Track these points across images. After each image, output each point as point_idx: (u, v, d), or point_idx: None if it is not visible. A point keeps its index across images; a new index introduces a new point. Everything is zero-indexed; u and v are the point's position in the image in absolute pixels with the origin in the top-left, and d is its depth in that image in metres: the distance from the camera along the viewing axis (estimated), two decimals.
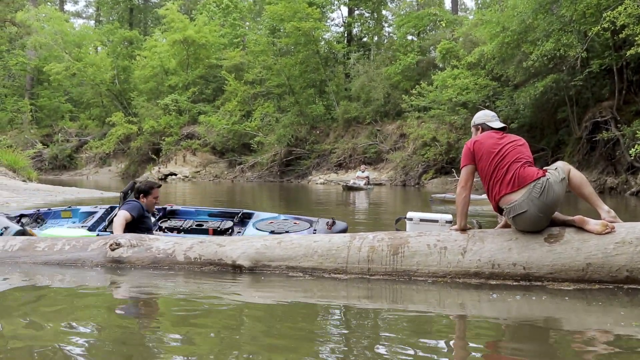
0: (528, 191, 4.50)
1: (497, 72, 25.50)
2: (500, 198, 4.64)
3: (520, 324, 3.71)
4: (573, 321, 3.79)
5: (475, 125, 5.16)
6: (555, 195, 4.49)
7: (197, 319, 3.76)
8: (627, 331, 3.47)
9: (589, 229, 4.47)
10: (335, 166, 33.73)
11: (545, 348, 3.21)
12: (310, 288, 4.54)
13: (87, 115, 50.17)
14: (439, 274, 4.64)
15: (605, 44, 22.11)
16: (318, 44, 37.33)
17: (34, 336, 3.27)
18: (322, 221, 6.65)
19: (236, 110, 38.59)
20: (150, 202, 6.24)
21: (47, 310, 3.90)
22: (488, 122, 5.08)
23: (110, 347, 3.10)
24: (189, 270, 5.02)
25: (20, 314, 3.75)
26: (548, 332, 3.48)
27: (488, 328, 3.65)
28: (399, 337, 3.37)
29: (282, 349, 3.10)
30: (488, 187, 4.78)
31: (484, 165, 4.76)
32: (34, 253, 5.36)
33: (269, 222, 6.83)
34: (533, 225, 4.57)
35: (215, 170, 38.84)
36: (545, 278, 4.44)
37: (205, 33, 41.88)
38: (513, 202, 4.54)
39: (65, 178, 39.12)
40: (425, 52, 35.86)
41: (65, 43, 45.56)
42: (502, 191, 4.62)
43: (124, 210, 5.94)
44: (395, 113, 33.84)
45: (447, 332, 3.62)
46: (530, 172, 4.59)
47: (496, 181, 4.67)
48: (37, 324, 3.53)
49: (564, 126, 24.97)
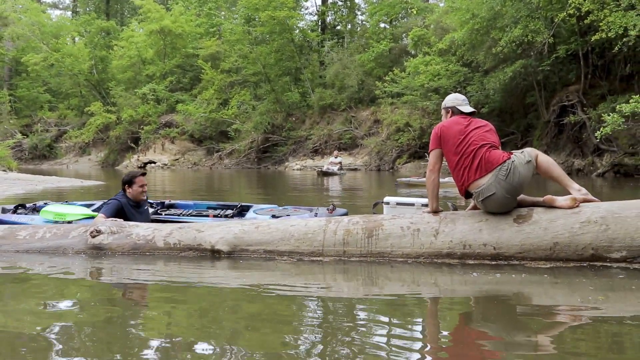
0: (494, 174, 4.56)
1: (468, 58, 25.98)
2: (469, 184, 4.70)
3: (492, 300, 3.78)
4: (542, 296, 3.88)
5: (446, 107, 5.16)
6: (521, 177, 4.55)
7: (178, 303, 3.80)
8: (594, 304, 3.57)
9: (559, 205, 4.57)
10: (312, 152, 34.07)
11: (516, 322, 3.34)
12: (288, 271, 4.58)
13: (65, 105, 49.96)
14: (413, 255, 4.69)
15: (571, 30, 22.58)
16: (293, 33, 37.59)
17: (16, 323, 3.29)
18: (322, 209, 6.59)
19: (213, 98, 38.85)
20: (136, 192, 6.03)
21: (29, 297, 3.89)
22: (458, 105, 5.10)
23: (91, 332, 3.12)
24: (169, 255, 5.01)
25: (1, 302, 3.77)
26: (517, 307, 3.60)
27: (460, 305, 3.78)
28: (375, 317, 3.44)
29: (260, 330, 3.14)
30: (455, 172, 4.84)
31: (450, 150, 4.81)
32: (15, 241, 5.30)
33: (269, 210, 6.81)
34: (501, 206, 4.63)
35: (194, 158, 39.06)
36: (515, 257, 4.50)
37: (182, 23, 41.94)
38: (481, 186, 4.60)
39: (46, 167, 38.98)
40: (397, 39, 36.23)
41: (42, 34, 45.52)
42: (471, 177, 4.68)
43: (101, 214, 5.81)
44: (369, 99, 34.22)
45: (421, 311, 3.68)
46: (495, 156, 4.65)
47: (464, 168, 4.72)
48: (18, 310, 3.55)
49: (533, 110, 25.52)
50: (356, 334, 3.06)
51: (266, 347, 2.87)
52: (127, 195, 6.05)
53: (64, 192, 13.65)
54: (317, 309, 3.65)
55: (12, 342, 2.94)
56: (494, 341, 2.99)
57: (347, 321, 3.33)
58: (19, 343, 2.93)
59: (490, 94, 25.43)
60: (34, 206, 6.99)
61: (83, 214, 6.27)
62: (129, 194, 6.04)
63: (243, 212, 7.02)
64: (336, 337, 3.01)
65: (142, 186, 6.09)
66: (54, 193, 13.36)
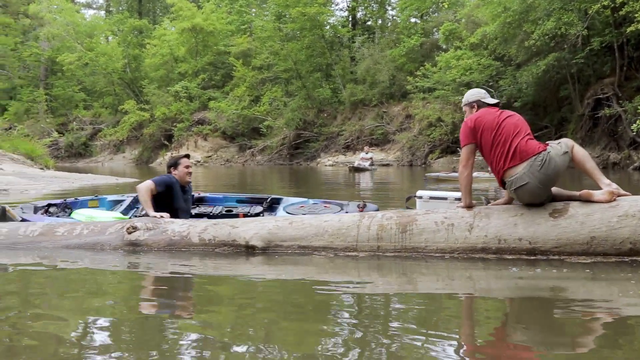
0: (529, 164, 4.52)
1: (500, 52, 25.82)
2: (504, 172, 4.64)
3: (529, 296, 3.76)
4: (581, 292, 3.85)
5: (470, 103, 5.11)
6: (556, 168, 4.50)
7: (213, 299, 3.83)
8: (635, 299, 3.56)
9: (597, 199, 4.50)
10: (343, 148, 34.07)
11: (553, 319, 3.31)
12: (322, 266, 4.57)
13: (100, 103, 50.67)
14: (447, 250, 4.66)
15: (606, 22, 22.35)
16: (323, 29, 37.66)
17: (55, 318, 3.32)
18: (352, 204, 6.51)
19: (245, 95, 39.08)
20: (182, 173, 6.07)
21: (68, 292, 3.95)
22: (482, 98, 5.07)
23: (127, 327, 3.15)
24: (204, 251, 5.05)
25: (41, 298, 3.82)
26: (555, 303, 3.55)
27: (495, 301, 3.77)
28: (410, 313, 3.43)
29: (296, 326, 3.15)
30: (491, 162, 4.78)
31: (486, 140, 4.75)
32: (54, 238, 5.36)
33: (300, 207, 6.74)
34: (534, 196, 4.57)
35: (226, 155, 39.33)
36: (551, 252, 4.46)
37: (213, 20, 42.21)
38: (515, 174, 4.56)
39: (81, 165, 39.51)
40: (428, 33, 36.16)
41: (77, 33, 46.23)
42: (505, 165, 4.63)
43: (150, 180, 5.82)
44: (400, 95, 34.14)
45: (456, 307, 3.67)
46: (532, 146, 4.61)
47: (499, 155, 4.67)
48: (58, 306, 3.61)
49: (567, 104, 25.26)
50: (391, 330, 3.06)
51: (301, 344, 2.89)
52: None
53: (100, 190, 13.84)
54: (351, 305, 3.65)
55: (51, 337, 2.98)
56: (530, 339, 2.96)
57: (381, 318, 3.33)
58: (58, 338, 2.97)
59: (523, 88, 25.23)
60: (64, 203, 7.03)
61: (114, 218, 6.28)
62: (175, 176, 6.08)
63: (273, 205, 7.02)
64: (371, 333, 3.00)
65: (187, 167, 6.14)
66: (89, 191, 13.55)
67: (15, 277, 4.52)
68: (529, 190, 4.54)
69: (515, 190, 4.61)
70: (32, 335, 3.00)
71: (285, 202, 7.03)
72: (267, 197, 7.23)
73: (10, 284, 4.31)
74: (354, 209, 6.24)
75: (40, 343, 2.90)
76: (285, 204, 6.95)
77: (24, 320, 3.29)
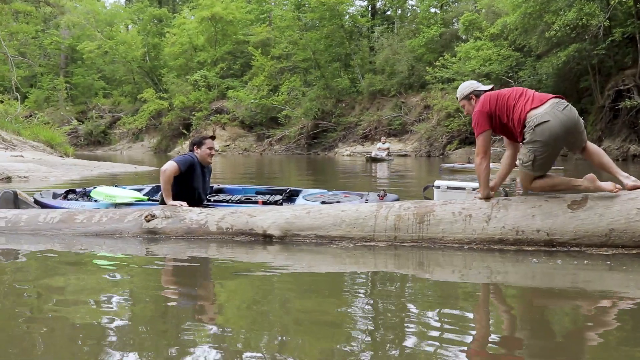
0: (551, 105, 4.47)
1: (520, 42, 25.61)
2: (526, 115, 4.53)
3: (546, 288, 3.76)
4: (598, 283, 3.83)
5: (467, 95, 5.05)
6: (575, 118, 4.49)
7: (230, 288, 3.86)
8: None
9: (603, 187, 4.48)
10: (361, 138, 34.10)
11: (569, 310, 3.31)
12: (339, 256, 4.56)
13: (119, 92, 51.11)
14: (464, 240, 4.65)
15: (628, 12, 22.09)
16: (342, 18, 37.62)
17: (73, 305, 3.34)
18: (372, 194, 6.42)
19: (263, 84, 39.21)
20: (204, 153, 5.99)
21: (87, 279, 3.99)
22: (477, 87, 5.03)
23: (144, 317, 3.17)
24: (222, 240, 5.04)
25: (59, 284, 3.83)
26: (572, 294, 3.56)
27: (513, 292, 3.76)
28: (427, 303, 3.42)
29: (312, 318, 3.13)
30: (512, 119, 4.67)
31: (502, 109, 4.70)
32: (73, 225, 5.42)
33: (319, 196, 6.69)
34: (552, 136, 4.45)
35: (244, 144, 39.48)
36: (569, 244, 4.42)
37: (232, 9, 42.30)
38: (537, 114, 4.47)
39: (100, 153, 39.90)
40: (448, 24, 35.96)
41: (97, 22, 46.67)
42: (527, 108, 4.54)
43: (172, 161, 5.72)
44: (419, 85, 34.04)
45: (472, 298, 3.66)
46: (548, 94, 4.64)
47: (520, 107, 4.60)
48: (76, 291, 3.66)
49: (587, 95, 25.07)
50: (407, 321, 3.06)
51: (319, 336, 2.87)
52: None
53: (118, 177, 13.96)
54: (368, 295, 3.64)
55: (69, 324, 3.00)
56: (545, 330, 2.94)
57: (398, 308, 3.30)
58: (75, 324, 3.00)
59: (543, 79, 25.09)
60: (84, 191, 7.05)
61: (133, 197, 6.34)
62: (197, 154, 6.00)
63: (292, 197, 6.96)
64: (387, 324, 3.01)
65: (210, 149, 6.08)
66: (108, 178, 13.65)
67: (35, 263, 4.57)
68: (550, 128, 4.42)
69: (535, 128, 4.46)
70: (50, 322, 3.04)
71: (304, 193, 6.97)
72: (286, 189, 7.18)
73: (29, 270, 4.37)
74: (374, 198, 6.18)
75: (57, 330, 2.94)
76: (304, 194, 6.90)
77: (42, 306, 3.34)
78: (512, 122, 4.66)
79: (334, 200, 6.28)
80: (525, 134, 4.56)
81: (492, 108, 4.73)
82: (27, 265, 4.52)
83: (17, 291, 3.64)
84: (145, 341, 2.81)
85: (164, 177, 5.63)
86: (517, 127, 4.63)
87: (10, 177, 12.85)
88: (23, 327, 2.97)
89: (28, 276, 4.14)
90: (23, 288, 3.72)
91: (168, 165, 5.65)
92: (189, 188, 5.86)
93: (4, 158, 15.96)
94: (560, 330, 2.98)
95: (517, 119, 4.61)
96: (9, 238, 5.35)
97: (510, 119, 4.66)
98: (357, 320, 3.09)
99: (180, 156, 5.91)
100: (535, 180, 4.68)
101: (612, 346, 2.72)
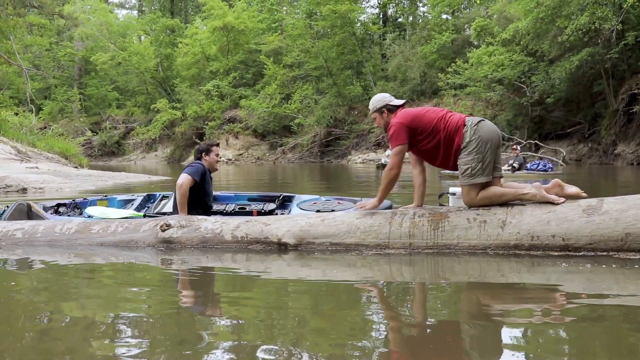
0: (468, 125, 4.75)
1: (532, 47, 25.56)
2: (465, 119, 4.80)
3: (564, 291, 3.66)
4: (614, 288, 3.79)
5: (379, 109, 5.14)
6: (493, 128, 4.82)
7: (246, 296, 3.87)
8: None
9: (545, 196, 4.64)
10: (374, 145, 34.09)
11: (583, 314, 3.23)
12: (354, 263, 4.56)
13: (132, 102, 51.45)
14: (480, 247, 4.63)
15: None
16: (354, 26, 37.77)
17: (89, 313, 3.37)
18: (366, 200, 6.35)
19: (276, 93, 39.31)
20: (212, 160, 6.20)
21: (103, 289, 4.03)
22: (391, 101, 5.14)
23: (160, 325, 3.17)
24: (236, 248, 5.07)
25: (77, 294, 3.87)
26: (585, 297, 3.50)
27: (528, 297, 3.68)
28: (443, 310, 3.41)
29: (326, 326, 3.12)
30: (447, 126, 4.82)
31: (424, 124, 4.86)
32: (89, 235, 5.46)
33: (313, 203, 6.70)
34: (490, 133, 4.75)
35: (257, 153, 39.60)
36: (585, 248, 4.40)
37: (244, 19, 42.54)
38: (474, 117, 4.86)
39: (114, 164, 40.11)
40: (460, 30, 35.99)
41: (110, 33, 47.11)
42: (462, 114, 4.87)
43: (186, 174, 5.86)
44: (431, 91, 34.05)
45: (489, 303, 3.59)
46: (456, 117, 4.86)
47: (451, 114, 4.89)
48: (93, 301, 3.68)
49: (600, 99, 24.97)
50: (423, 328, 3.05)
51: (333, 344, 2.85)
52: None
53: (133, 188, 14.03)
54: (383, 303, 3.63)
55: (85, 332, 3.02)
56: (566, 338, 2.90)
57: (414, 315, 3.31)
58: (92, 332, 3.02)
59: (555, 84, 24.97)
60: (74, 203, 7.05)
61: (129, 215, 6.40)
62: (205, 162, 6.16)
63: (286, 202, 6.99)
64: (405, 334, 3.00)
65: (217, 155, 6.29)
66: (123, 188, 13.71)
67: (52, 273, 4.60)
68: (489, 126, 4.80)
69: (478, 124, 4.77)
70: (66, 330, 3.07)
71: (297, 199, 6.98)
72: (279, 195, 7.20)
73: (47, 280, 4.39)
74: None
75: (74, 337, 2.97)
76: (297, 201, 6.90)
77: (59, 315, 3.35)
78: (447, 130, 4.79)
79: (328, 208, 6.31)
80: (466, 135, 4.72)
81: (412, 124, 4.86)
82: (44, 275, 4.54)
83: (34, 301, 3.66)
84: (159, 347, 2.81)
85: (181, 191, 5.75)
86: (452, 132, 4.77)
87: (26, 189, 12.95)
88: (40, 335, 2.99)
89: (44, 285, 4.16)
90: (40, 299, 3.74)
91: (184, 179, 5.77)
92: (204, 195, 6.00)
93: (19, 170, 16.07)
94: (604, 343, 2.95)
95: (454, 123, 4.77)
96: (26, 249, 5.37)
97: (444, 128, 4.80)
98: (373, 329, 3.07)
99: (190, 167, 6.01)
100: (481, 191, 4.75)
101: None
